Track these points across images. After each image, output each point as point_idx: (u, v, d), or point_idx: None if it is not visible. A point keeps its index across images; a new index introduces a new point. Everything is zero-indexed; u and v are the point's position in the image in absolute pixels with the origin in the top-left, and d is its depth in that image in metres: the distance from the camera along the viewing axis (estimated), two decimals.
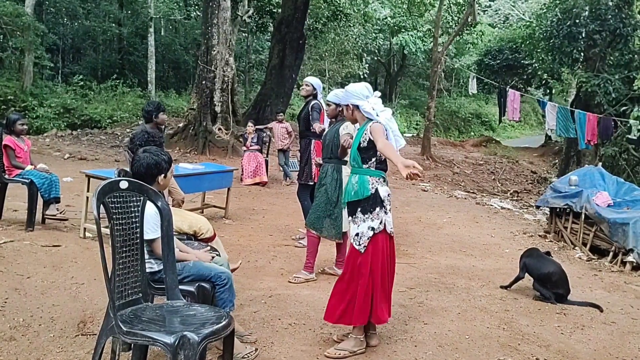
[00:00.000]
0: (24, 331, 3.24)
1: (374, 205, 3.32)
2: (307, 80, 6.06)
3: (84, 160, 11.13)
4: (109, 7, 25.16)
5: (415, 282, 5.00)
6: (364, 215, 3.33)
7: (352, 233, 3.39)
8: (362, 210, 3.34)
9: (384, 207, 3.35)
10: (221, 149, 12.87)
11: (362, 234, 3.33)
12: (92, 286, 4.12)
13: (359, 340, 3.38)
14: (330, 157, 4.90)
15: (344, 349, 3.34)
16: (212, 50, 13.06)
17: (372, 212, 3.32)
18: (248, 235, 6.37)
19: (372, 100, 3.42)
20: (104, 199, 2.33)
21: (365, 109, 3.38)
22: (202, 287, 2.95)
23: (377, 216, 3.32)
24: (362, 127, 3.42)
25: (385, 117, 3.39)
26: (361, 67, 25.84)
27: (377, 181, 3.36)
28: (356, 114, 3.49)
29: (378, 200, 3.33)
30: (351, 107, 3.51)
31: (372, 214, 3.32)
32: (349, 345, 3.35)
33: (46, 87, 19.81)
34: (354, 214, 3.39)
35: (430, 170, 14.06)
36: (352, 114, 3.54)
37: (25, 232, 5.32)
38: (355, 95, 3.44)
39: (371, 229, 3.31)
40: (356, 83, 3.62)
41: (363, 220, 3.33)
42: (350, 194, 3.39)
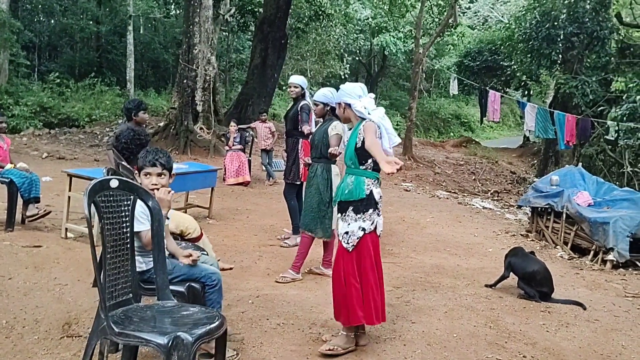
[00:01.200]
0: (7, 333, 3.16)
1: (368, 206, 3.32)
2: (294, 81, 6.03)
3: (62, 160, 10.93)
4: (86, 4, 24.77)
5: (401, 282, 5.01)
6: (356, 215, 3.33)
7: (341, 231, 3.38)
8: (355, 209, 3.33)
9: (377, 209, 3.36)
10: (203, 148, 12.76)
11: (351, 233, 3.33)
12: (75, 287, 4.04)
13: (350, 338, 3.38)
14: (319, 156, 4.90)
15: (337, 344, 3.34)
16: (193, 48, 12.94)
17: (364, 212, 3.32)
18: (233, 236, 6.33)
19: (364, 100, 3.42)
20: (95, 198, 2.28)
21: (357, 107, 3.38)
22: (192, 287, 2.91)
23: (369, 217, 3.32)
24: (356, 127, 3.41)
25: (377, 115, 3.39)
26: (342, 67, 25.89)
27: (372, 183, 3.36)
28: (348, 112, 3.49)
29: (372, 202, 3.33)
30: (343, 105, 3.51)
31: (365, 215, 3.32)
32: (341, 342, 3.36)
33: (22, 85, 19.39)
34: (344, 212, 3.38)
35: (412, 170, 14.14)
36: (343, 112, 3.54)
37: (5, 232, 5.21)
38: (347, 93, 3.45)
39: (362, 230, 3.30)
40: (352, 83, 3.65)
41: (354, 220, 3.33)
42: (344, 193, 3.38)
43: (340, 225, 3.41)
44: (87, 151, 12.53)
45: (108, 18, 25.05)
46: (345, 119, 3.65)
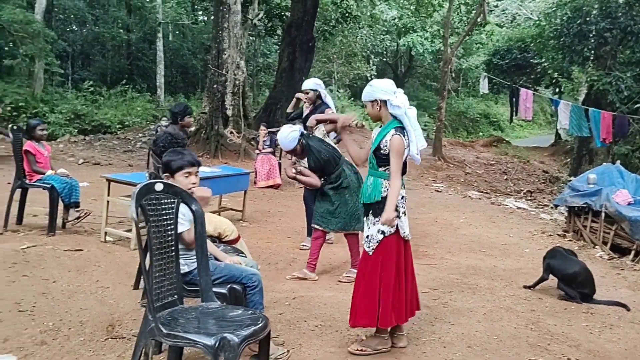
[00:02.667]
0: (55, 335, 3.24)
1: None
2: (307, 86, 5.84)
3: (98, 165, 11.17)
4: (117, 13, 25.31)
5: (437, 283, 4.97)
6: (375, 218, 3.29)
7: (364, 234, 3.37)
8: (373, 212, 3.30)
9: (397, 212, 3.26)
10: (233, 152, 12.87)
11: (371, 236, 3.29)
12: (117, 290, 4.13)
13: (383, 339, 3.36)
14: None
15: (368, 346, 3.34)
16: (223, 54, 13.07)
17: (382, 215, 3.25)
18: (266, 238, 6.37)
19: (400, 96, 3.29)
20: (142, 201, 2.33)
21: (394, 103, 3.24)
22: (233, 288, 2.94)
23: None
24: (385, 130, 3.29)
25: (413, 114, 3.34)
26: (369, 69, 25.83)
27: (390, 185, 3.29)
28: (382, 111, 3.32)
29: None
30: (379, 103, 3.31)
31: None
32: (372, 343, 3.35)
33: (57, 94, 19.91)
34: (366, 215, 3.37)
35: (443, 170, 14.01)
36: (379, 109, 3.33)
37: (47, 236, 5.34)
38: (383, 90, 3.29)
39: (381, 233, 3.26)
40: (381, 79, 3.50)
41: (373, 223, 3.29)
42: (365, 195, 3.36)
43: (365, 228, 3.40)
44: (121, 157, 12.78)
45: (138, 26, 25.55)
46: (375, 117, 3.41)
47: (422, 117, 28.46)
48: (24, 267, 4.38)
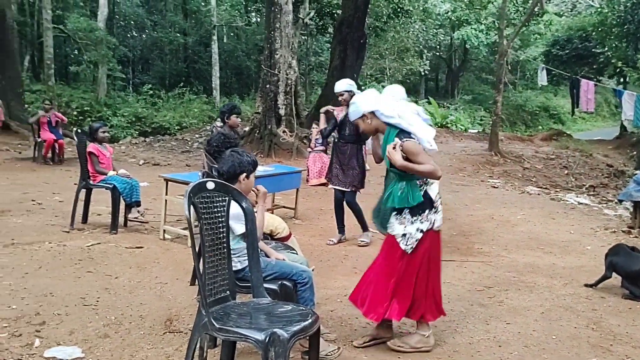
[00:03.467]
0: (116, 328, 3.39)
1: (424, 207, 3.20)
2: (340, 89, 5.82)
3: (157, 166, 11.58)
4: (174, 17, 26.09)
5: (493, 281, 4.86)
6: (413, 217, 3.20)
7: (399, 232, 3.23)
8: (411, 211, 3.21)
9: (435, 208, 3.23)
10: (286, 150, 13.03)
11: (410, 235, 3.20)
12: (174, 285, 4.27)
13: (423, 337, 3.32)
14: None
15: (407, 343, 3.32)
16: (275, 54, 13.24)
17: (421, 214, 3.20)
18: (318, 235, 6.41)
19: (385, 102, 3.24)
20: (194, 200, 2.41)
21: (383, 112, 3.20)
22: (284, 285, 2.99)
23: (426, 218, 3.20)
24: (389, 138, 3.24)
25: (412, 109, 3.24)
26: (422, 64, 25.50)
27: (425, 182, 3.23)
28: (375, 122, 3.30)
29: (428, 202, 3.21)
30: (368, 117, 3.29)
31: (422, 216, 3.20)
32: (412, 341, 3.33)
33: (119, 98, 20.79)
34: (400, 213, 3.25)
35: (499, 166, 13.63)
36: (370, 123, 3.31)
37: (110, 234, 5.60)
38: (366, 102, 3.27)
39: (420, 231, 3.20)
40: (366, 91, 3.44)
41: (411, 222, 3.20)
42: (395, 200, 3.22)
43: (396, 225, 3.25)
44: (179, 157, 13.19)
45: (194, 29, 26.26)
46: (373, 131, 3.38)
47: (477, 111, 27.87)
48: (88, 263, 4.61)
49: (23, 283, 4.01)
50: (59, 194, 7.55)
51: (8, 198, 7.09)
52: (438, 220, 3.27)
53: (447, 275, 4.88)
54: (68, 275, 4.29)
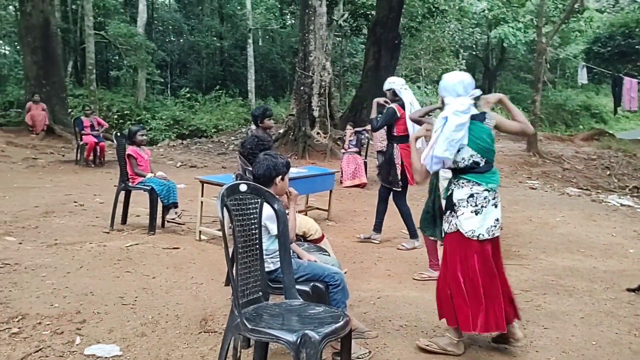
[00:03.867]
0: (153, 327, 3.47)
1: (448, 207, 3.31)
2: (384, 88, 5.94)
3: (194, 168, 11.78)
4: (210, 22, 26.51)
5: (530, 285, 4.76)
6: (444, 216, 3.38)
7: None
8: (443, 210, 3.41)
9: (455, 212, 3.22)
10: (320, 152, 13.08)
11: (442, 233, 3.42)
12: (210, 286, 4.34)
13: (453, 342, 3.28)
14: None
15: (436, 343, 3.30)
16: (309, 56, 13.31)
17: (445, 213, 3.35)
18: (352, 237, 6.40)
19: (461, 100, 3.19)
20: (227, 202, 2.45)
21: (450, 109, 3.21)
22: (316, 286, 3.00)
23: (447, 219, 3.29)
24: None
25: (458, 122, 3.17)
26: (458, 64, 25.14)
27: (455, 183, 3.28)
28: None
29: (451, 203, 3.27)
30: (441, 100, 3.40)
31: (445, 216, 3.33)
32: (441, 342, 3.30)
33: (157, 101, 21.25)
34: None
35: (538, 167, 13.33)
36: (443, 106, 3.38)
37: (148, 235, 5.73)
38: (447, 89, 3.30)
39: (443, 231, 3.34)
40: (454, 74, 3.40)
41: (443, 221, 3.39)
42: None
43: None
44: (215, 159, 13.39)
45: (230, 33, 26.63)
46: None
47: None
48: (127, 263, 4.73)
49: (65, 282, 4.14)
50: (99, 196, 7.78)
51: (52, 200, 7.34)
52: (465, 226, 3.17)
53: None
54: (107, 274, 4.41)
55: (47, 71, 14.24)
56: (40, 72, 14.15)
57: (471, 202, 3.20)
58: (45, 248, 5.05)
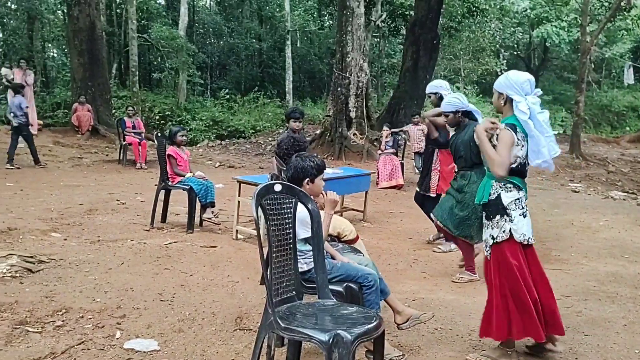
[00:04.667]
0: (190, 324, 3.55)
1: (495, 212, 3.12)
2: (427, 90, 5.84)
3: (232, 168, 11.96)
4: (250, 24, 26.83)
5: (570, 290, 4.63)
6: (487, 222, 3.17)
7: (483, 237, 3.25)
8: (486, 215, 3.19)
9: (507, 215, 3.09)
10: (356, 153, 13.07)
11: (485, 241, 3.19)
12: (245, 284, 4.41)
13: (505, 352, 3.17)
14: (471, 165, 4.76)
15: (488, 356, 3.18)
16: (346, 57, 13.32)
17: (492, 219, 3.12)
18: (387, 239, 6.38)
19: (530, 99, 3.09)
20: (262, 201, 2.48)
21: (520, 107, 3.06)
22: (350, 287, 3.00)
23: (496, 224, 3.11)
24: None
25: (544, 118, 3.10)
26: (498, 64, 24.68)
27: (501, 187, 3.12)
28: (506, 107, 3.16)
29: (499, 208, 3.10)
30: (505, 97, 3.15)
31: (492, 222, 3.13)
32: (493, 354, 3.18)
33: (197, 102, 21.64)
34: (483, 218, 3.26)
35: (581, 169, 12.97)
36: (502, 105, 3.18)
37: (186, 233, 5.86)
38: (514, 87, 3.10)
39: (491, 237, 3.12)
40: (519, 72, 3.25)
41: (487, 227, 3.17)
42: (479, 196, 3.27)
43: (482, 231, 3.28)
44: (252, 160, 13.56)
45: (269, 35, 26.90)
46: (498, 108, 3.26)
47: (558, 112, 26.63)
48: (166, 261, 4.85)
49: (107, 278, 4.28)
50: (141, 194, 7.99)
51: (96, 198, 7.58)
52: (519, 230, 3.10)
53: None
54: (147, 271, 4.53)
55: (92, 73, 14.71)
56: (86, 74, 14.62)
57: (518, 205, 3.13)
58: (88, 244, 5.22)
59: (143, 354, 3.07)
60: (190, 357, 3.08)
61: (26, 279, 4.13)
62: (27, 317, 3.40)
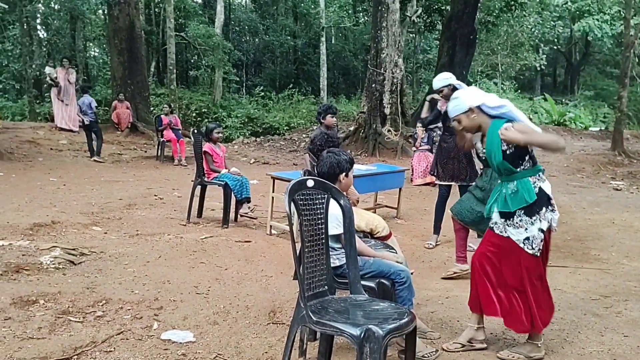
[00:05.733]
0: (225, 317, 3.62)
1: (541, 205, 3.03)
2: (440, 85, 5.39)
3: (266, 164, 12.08)
4: (285, 21, 26.97)
5: (610, 290, 4.51)
6: (531, 218, 3.04)
7: (520, 237, 3.06)
8: (527, 212, 3.04)
9: (551, 205, 3.06)
10: (390, 150, 13.00)
11: (533, 237, 3.04)
12: (279, 279, 4.46)
13: (535, 346, 3.16)
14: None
15: (519, 352, 3.17)
16: (381, 53, 13.26)
17: (539, 212, 3.03)
18: (421, 236, 6.34)
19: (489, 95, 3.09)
20: (294, 197, 2.51)
21: (491, 104, 3.03)
22: (382, 283, 3.01)
23: (544, 217, 3.04)
24: (494, 131, 3.05)
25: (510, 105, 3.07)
26: (538, 59, 24.13)
27: (538, 179, 3.06)
28: (480, 117, 3.10)
29: (544, 199, 3.04)
30: (474, 111, 3.09)
31: (540, 215, 3.03)
32: (524, 350, 3.17)
33: (233, 100, 21.90)
34: (511, 217, 3.08)
35: (624, 167, 12.56)
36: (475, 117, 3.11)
37: (222, 228, 5.96)
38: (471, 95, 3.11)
39: (541, 231, 3.04)
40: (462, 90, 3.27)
41: (531, 223, 3.04)
42: (507, 202, 3.07)
43: (514, 230, 3.07)
44: (287, 156, 13.65)
45: (303, 32, 26.99)
46: (474, 127, 3.17)
47: (600, 107, 25.86)
48: (202, 255, 4.95)
49: (145, 270, 4.40)
50: (177, 190, 8.16)
51: (134, 193, 7.78)
52: (555, 219, 3.10)
53: (559, 282, 4.62)
54: (183, 265, 4.64)
55: (131, 71, 15.06)
56: (125, 72, 14.98)
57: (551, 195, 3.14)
58: (127, 238, 5.37)
59: (179, 344, 3.15)
60: (224, 349, 3.14)
61: (68, 270, 4.28)
62: (69, 307, 3.53)
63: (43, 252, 4.52)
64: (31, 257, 4.41)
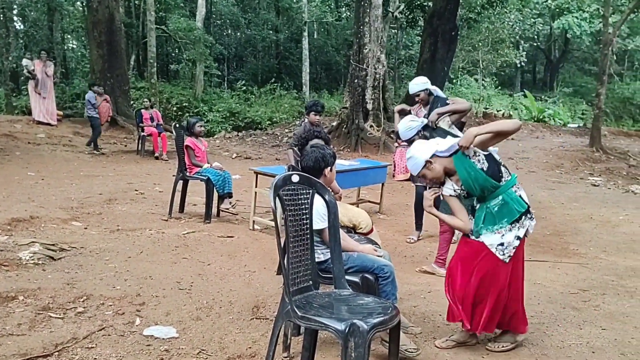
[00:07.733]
0: (208, 312, 3.60)
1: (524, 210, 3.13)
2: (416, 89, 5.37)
3: (249, 159, 12.02)
4: (267, 15, 26.80)
5: (588, 284, 4.60)
6: (511, 225, 3.07)
7: (494, 242, 3.07)
8: (514, 220, 3.08)
9: (530, 213, 3.15)
10: (373, 145, 13.03)
11: (508, 243, 3.07)
12: (262, 274, 4.45)
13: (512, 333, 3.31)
14: None
15: (506, 341, 3.29)
16: (363, 48, 13.26)
17: (519, 220, 3.08)
18: (403, 230, 6.39)
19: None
20: (279, 192, 2.51)
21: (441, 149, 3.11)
22: (366, 278, 3.02)
23: (522, 224, 3.10)
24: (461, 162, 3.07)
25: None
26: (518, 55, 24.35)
27: (517, 187, 3.15)
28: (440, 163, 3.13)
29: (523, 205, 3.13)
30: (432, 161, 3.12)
31: (519, 223, 3.09)
32: (508, 339, 3.30)
33: (214, 94, 21.71)
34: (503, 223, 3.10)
35: (602, 163, 12.78)
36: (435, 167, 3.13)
37: (204, 224, 5.92)
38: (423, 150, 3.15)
39: (517, 238, 3.08)
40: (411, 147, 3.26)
41: (509, 230, 3.07)
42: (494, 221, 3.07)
43: (490, 235, 3.09)
44: (269, 151, 13.60)
45: (285, 26, 26.85)
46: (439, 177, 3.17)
47: (579, 105, 26.23)
48: (184, 250, 4.92)
49: (126, 266, 4.35)
50: (159, 185, 8.08)
51: (115, 188, 7.69)
52: (532, 225, 3.17)
53: (538, 276, 4.70)
54: (165, 260, 4.60)
55: (111, 64, 14.83)
56: (105, 65, 14.74)
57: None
58: (108, 233, 5.31)
59: (162, 340, 3.13)
60: (207, 345, 3.13)
61: (48, 266, 4.22)
62: (49, 303, 3.48)
63: (22, 247, 4.45)
64: (10, 253, 4.33)
